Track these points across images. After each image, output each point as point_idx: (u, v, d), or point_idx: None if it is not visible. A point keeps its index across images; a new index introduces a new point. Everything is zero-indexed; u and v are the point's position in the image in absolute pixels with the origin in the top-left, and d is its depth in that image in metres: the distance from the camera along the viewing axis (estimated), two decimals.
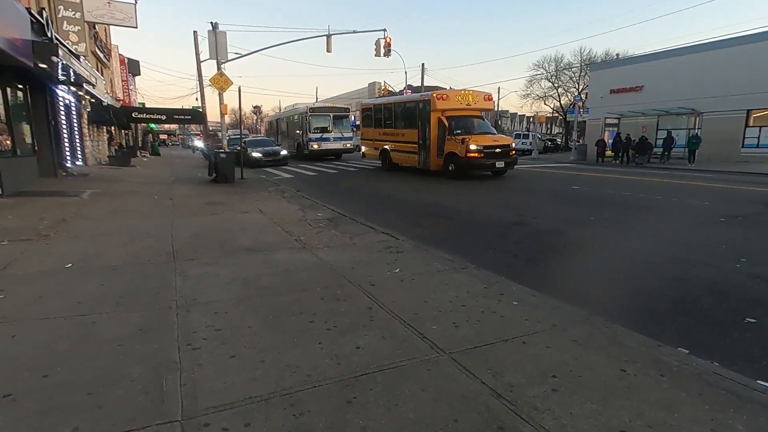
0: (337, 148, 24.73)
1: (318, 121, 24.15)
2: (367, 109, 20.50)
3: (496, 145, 14.38)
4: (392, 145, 17.92)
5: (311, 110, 24.42)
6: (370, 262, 4.90)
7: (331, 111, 25.06)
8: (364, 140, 20.55)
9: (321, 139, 24.04)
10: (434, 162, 15.35)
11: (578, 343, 2.94)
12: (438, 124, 15.05)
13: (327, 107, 25.82)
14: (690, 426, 2.08)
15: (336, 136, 24.44)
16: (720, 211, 8.39)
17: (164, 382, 2.42)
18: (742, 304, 3.97)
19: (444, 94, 15.67)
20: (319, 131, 24.00)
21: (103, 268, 4.47)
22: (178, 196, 10.20)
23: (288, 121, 29.20)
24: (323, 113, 24.59)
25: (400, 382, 2.45)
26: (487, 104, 16.40)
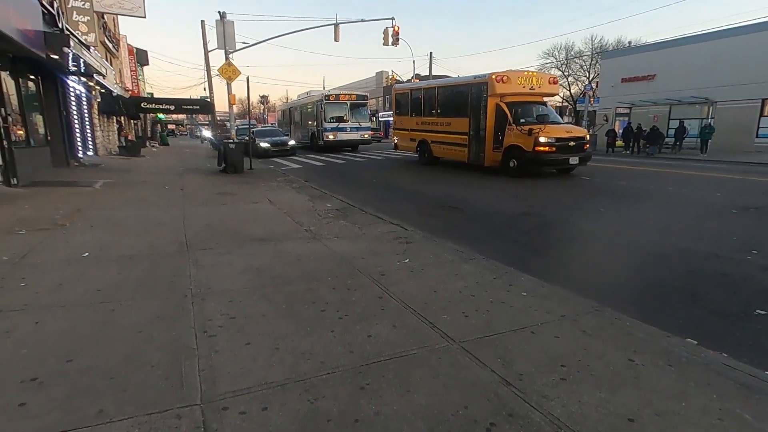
0: (354, 139, 23.12)
1: (333, 110, 22.60)
2: (402, 95, 18.12)
3: (570, 138, 12.12)
4: (433, 135, 15.70)
5: (326, 98, 22.78)
6: (380, 252, 4.95)
7: (347, 99, 23.39)
8: (398, 130, 18.45)
9: (337, 129, 22.43)
10: (490, 156, 13.15)
11: (587, 334, 2.97)
12: (496, 111, 12.85)
13: (343, 95, 24.01)
14: (697, 415, 2.12)
15: (353, 125, 22.83)
16: (732, 203, 8.30)
17: (183, 367, 2.50)
18: (753, 295, 3.97)
19: (504, 75, 12.82)
20: (335, 121, 22.42)
21: (119, 257, 4.57)
22: (189, 186, 10.31)
23: (301, 110, 27.50)
24: (339, 101, 22.98)
25: (412, 370, 2.51)
26: (553, 89, 14.04)
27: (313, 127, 23.99)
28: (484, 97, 13.15)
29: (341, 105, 22.87)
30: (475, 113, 13.68)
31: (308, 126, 25.33)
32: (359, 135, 23.20)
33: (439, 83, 16.38)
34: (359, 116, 23.35)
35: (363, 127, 23.35)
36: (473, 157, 13.95)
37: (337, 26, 20.60)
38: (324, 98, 22.68)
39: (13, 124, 9.35)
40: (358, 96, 24.15)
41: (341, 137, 22.55)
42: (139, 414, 2.08)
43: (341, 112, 22.76)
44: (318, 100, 23.27)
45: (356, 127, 22.94)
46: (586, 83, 40.06)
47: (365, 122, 23.75)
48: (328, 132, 22.33)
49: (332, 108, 22.62)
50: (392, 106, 19.02)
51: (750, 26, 21.94)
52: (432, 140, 15.82)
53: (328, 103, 22.54)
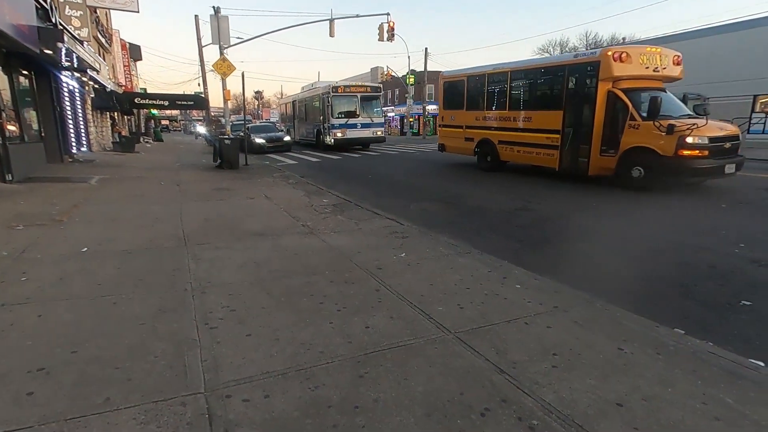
0: (365, 137, 20.82)
1: (342, 104, 20.22)
2: (454, 83, 14.47)
3: (726, 137, 8.98)
4: (502, 134, 12.42)
5: (334, 90, 20.06)
6: (377, 246, 5.02)
7: (358, 91, 20.78)
8: (446, 127, 14.96)
9: (346, 125, 20.06)
10: (597, 163, 9.84)
11: (579, 324, 3.06)
12: (607, 101, 9.63)
13: (354, 86, 21.26)
14: (683, 400, 2.21)
15: (364, 122, 20.44)
16: (722, 197, 8.44)
17: (186, 357, 2.57)
18: (739, 287, 4.08)
19: (623, 51, 9.59)
20: (344, 116, 20.11)
21: (118, 252, 4.61)
22: (185, 182, 10.31)
23: (306, 104, 24.75)
24: (349, 94, 20.45)
25: (409, 359, 2.59)
26: (677, 71, 10.71)
27: (319, 124, 21.85)
28: (590, 82, 9.91)
29: (351, 98, 20.45)
30: (573, 104, 10.41)
31: (313, 122, 22.99)
32: (371, 132, 20.86)
33: (513, 66, 12.42)
34: (371, 111, 20.96)
35: (375, 124, 20.96)
36: (568, 162, 10.55)
37: (332, 22, 20.57)
38: (331, 90, 20.07)
39: (7, 120, 9.31)
40: (372, 88, 21.60)
41: (351, 135, 20.25)
42: (144, 402, 2.14)
43: (351, 106, 20.38)
44: (325, 92, 20.68)
45: (368, 124, 20.63)
46: None
47: (378, 118, 21.32)
48: (336, 129, 20.13)
49: (341, 102, 20.27)
50: (439, 97, 15.73)
51: (742, 23, 22.14)
52: (500, 140, 12.49)
53: (337, 96, 20.12)
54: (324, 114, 20.90)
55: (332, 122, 20.08)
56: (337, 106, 20.21)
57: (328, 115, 20.23)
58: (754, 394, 2.26)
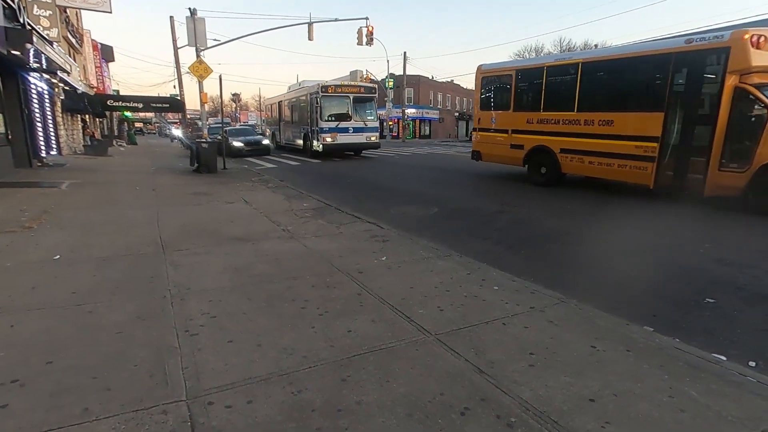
0: (357, 143, 18.90)
1: (333, 106, 18.25)
2: (498, 78, 12.11)
3: None
4: (565, 141, 10.10)
5: (323, 90, 17.99)
6: (357, 250, 5.06)
7: (350, 91, 18.74)
8: (484, 131, 12.48)
9: (337, 129, 18.12)
10: (715, 179, 7.63)
11: (554, 324, 3.17)
12: (735, 99, 7.49)
13: (345, 86, 19.19)
14: (651, 394, 2.32)
15: (357, 125, 18.53)
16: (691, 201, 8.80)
17: (166, 365, 2.55)
18: (703, 285, 4.28)
19: (761, 35, 7.33)
20: (335, 119, 18.17)
21: (93, 259, 4.51)
22: (161, 187, 10.12)
23: (293, 105, 22.31)
24: (340, 94, 18.44)
25: (391, 362, 2.64)
26: None
27: (307, 127, 19.74)
28: (711, 75, 7.92)
29: (343, 99, 18.45)
30: (680, 104, 8.22)
31: (300, 125, 20.86)
32: (364, 137, 18.84)
33: (586, 56, 10.15)
34: (364, 114, 18.92)
35: (369, 128, 18.89)
36: (669, 178, 8.33)
37: (311, 25, 20.55)
38: (321, 90, 17.95)
39: None
40: (365, 89, 19.45)
41: (342, 140, 18.24)
42: (125, 411, 2.12)
43: (343, 107, 18.41)
44: (313, 92, 18.49)
45: (361, 128, 18.63)
46: None
47: (372, 121, 19.12)
48: (325, 133, 17.99)
49: (331, 103, 18.24)
50: (475, 95, 13.10)
51: (706, 32, 23.08)
52: (562, 148, 10.20)
53: (327, 96, 18.05)
54: (312, 116, 18.74)
55: (321, 126, 17.95)
56: (327, 108, 18.07)
57: (317, 117, 18.08)
58: (716, 387, 2.39)
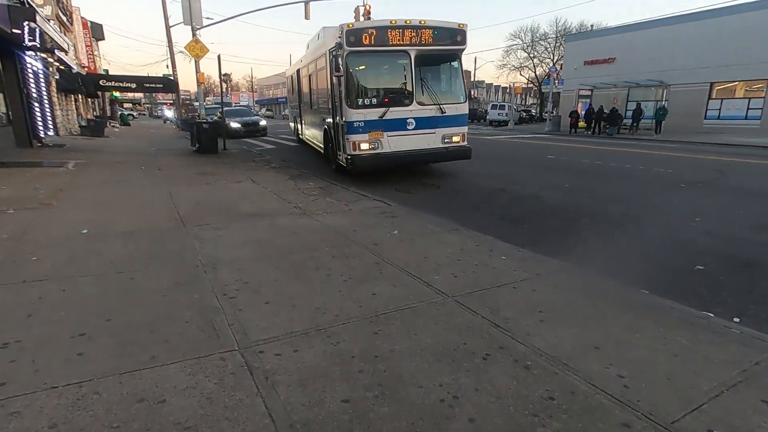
0: (424, 150, 8.82)
1: (371, 74, 8.79)
2: None
3: None
4: None
5: (350, 39, 7.88)
6: (369, 225, 5.32)
7: (408, 40, 8.22)
8: None
9: (380, 123, 8.35)
10: None
11: (559, 287, 3.47)
12: None
13: (394, 28, 8.12)
14: (647, 342, 2.64)
15: (424, 113, 8.66)
16: (681, 178, 9.15)
17: (214, 322, 2.82)
18: (694, 254, 4.61)
19: None
20: (376, 101, 8.48)
21: (119, 234, 4.73)
22: (166, 167, 10.25)
23: (310, 73, 11.97)
24: (386, 48, 8.23)
25: (415, 318, 2.93)
26: None
27: (327, 116, 9.84)
28: None
29: (391, 59, 8.62)
30: None
31: (320, 111, 11.06)
32: (439, 137, 8.90)
33: None
34: (440, 87, 9.19)
35: (449, 118, 8.89)
36: None
37: (308, 4, 20.29)
38: (344, 40, 7.90)
39: None
40: (440, 33, 8.47)
41: (393, 144, 8.56)
42: (187, 358, 2.40)
43: (392, 76, 8.83)
44: (333, 47, 8.31)
45: (432, 119, 8.76)
46: (551, 65, 41.21)
47: (456, 101, 9.03)
48: (356, 133, 8.33)
49: (368, 68, 8.66)
50: None
51: (702, 12, 23.20)
52: None
53: (356, 53, 8.17)
54: (333, 96, 9.03)
55: (348, 116, 8.25)
56: (361, 78, 8.54)
57: (340, 99, 8.44)
58: (704, 336, 2.72)
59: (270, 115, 59.26)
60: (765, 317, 3.24)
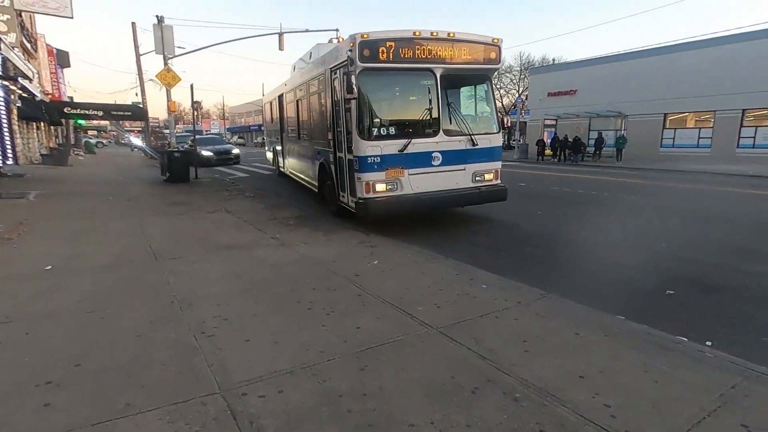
0: (452, 191, 6.92)
1: (388, 97, 6.97)
2: None
3: None
4: None
5: (363, 53, 6.03)
6: (349, 255, 5.29)
7: (435, 55, 6.48)
8: None
9: (400, 158, 6.45)
10: None
11: (540, 315, 3.53)
12: None
13: (418, 40, 6.30)
14: (629, 368, 2.70)
15: (452, 146, 6.81)
16: (643, 204, 9.59)
17: (192, 363, 2.70)
18: (663, 278, 4.79)
19: None
20: (395, 128, 6.58)
21: (86, 269, 4.52)
22: (136, 197, 9.95)
23: (299, 97, 10.08)
24: (407, 66, 6.38)
25: (402, 352, 2.90)
26: None
27: (324, 147, 8.07)
28: None
29: (414, 78, 6.69)
30: None
31: (311, 140, 9.22)
32: (469, 175, 7.08)
33: None
34: (468, 113, 7.42)
35: (480, 151, 7.06)
36: None
37: (282, 35, 20.65)
38: (357, 54, 6.03)
39: None
40: (470, 48, 6.80)
41: (415, 184, 6.64)
42: (166, 404, 2.27)
43: (415, 101, 6.85)
44: (336, 64, 6.84)
45: (460, 153, 6.92)
46: (516, 96, 43.07)
47: (488, 128, 7.44)
48: (370, 170, 6.35)
49: (384, 90, 6.85)
50: None
51: (653, 49, 24.95)
52: None
53: (372, 71, 6.29)
54: (334, 125, 7.28)
55: (361, 149, 6.30)
56: (376, 102, 6.63)
57: (347, 127, 6.65)
58: (681, 362, 2.80)
59: (242, 143, 58.93)
60: (734, 340, 3.38)
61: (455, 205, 7.67)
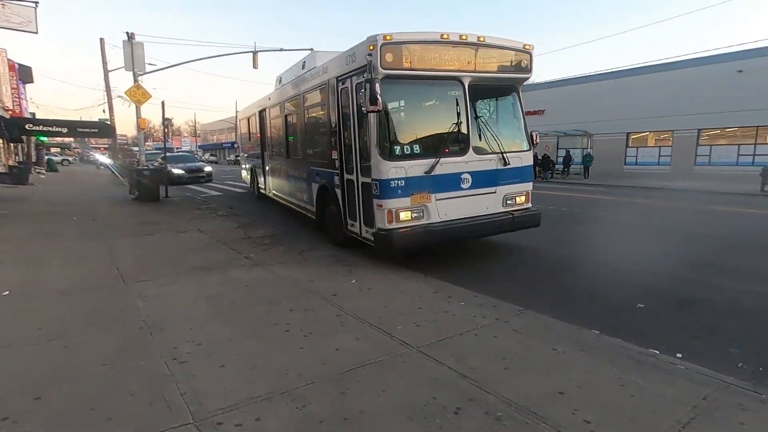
0: (482, 217, 6.06)
1: (413, 105, 6.09)
2: None
3: None
4: None
5: (386, 59, 5.13)
6: (326, 275, 5.22)
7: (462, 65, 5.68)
8: None
9: (423, 182, 5.53)
10: None
11: (518, 332, 3.56)
12: None
13: (446, 41, 5.48)
14: (606, 383, 2.75)
15: (482, 166, 6.03)
16: (609, 219, 9.93)
17: (164, 392, 2.57)
18: (633, 292, 4.93)
19: None
20: (419, 145, 5.63)
21: (49, 294, 4.29)
22: (103, 217, 9.58)
23: (293, 110, 8.93)
24: (433, 70, 5.50)
25: (382, 373, 2.85)
26: None
27: (325, 168, 6.98)
28: None
29: (440, 89, 5.92)
30: None
31: (306, 162, 8.10)
32: (500, 199, 6.31)
33: None
34: (498, 129, 6.44)
35: (511, 172, 6.38)
36: None
37: (256, 54, 20.62)
38: (378, 59, 5.09)
39: None
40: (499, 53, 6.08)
41: (446, 211, 5.78)
42: None
43: (446, 114, 5.81)
44: (349, 71, 5.83)
45: (491, 174, 6.16)
46: None
47: (519, 145, 6.73)
48: (393, 195, 5.39)
49: (409, 101, 6.06)
50: None
51: (617, 72, 26.28)
52: None
53: (395, 77, 5.32)
54: (341, 143, 6.29)
55: (383, 171, 5.33)
56: (398, 115, 5.89)
57: (362, 145, 5.68)
58: (654, 375, 2.87)
59: (214, 161, 58.01)
60: (702, 351, 3.49)
61: (487, 233, 6.65)
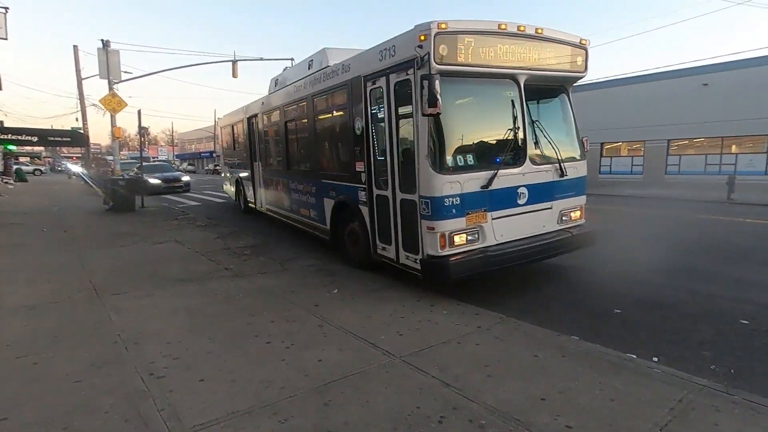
0: (540, 240, 5.24)
1: (467, 107, 5.07)
2: None
3: None
4: None
5: (441, 43, 4.21)
6: (308, 285, 5.17)
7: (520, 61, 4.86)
8: None
9: (479, 198, 4.67)
10: None
11: (500, 339, 3.59)
12: None
13: (504, 32, 4.63)
14: (586, 388, 2.79)
15: (538, 178, 5.18)
16: None
17: (140, 409, 2.50)
18: (610, 298, 5.04)
19: None
20: (473, 155, 4.80)
21: (17, 309, 4.12)
22: (75, 228, 9.28)
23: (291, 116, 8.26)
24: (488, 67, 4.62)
25: (366, 384, 2.83)
26: None
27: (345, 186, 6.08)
28: None
29: (496, 83, 4.90)
30: None
31: (314, 175, 7.23)
32: (556, 215, 5.50)
33: None
34: (558, 134, 5.62)
35: (568, 183, 5.56)
36: None
37: (236, 63, 20.50)
38: (435, 47, 4.22)
39: None
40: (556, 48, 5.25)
41: (502, 232, 4.95)
42: None
43: (501, 118, 4.95)
44: (386, 66, 4.93)
45: (548, 187, 5.35)
46: None
47: (573, 154, 5.84)
48: (447, 217, 4.50)
49: (466, 97, 4.99)
50: None
51: (592, 84, 27.10)
52: None
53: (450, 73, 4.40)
54: (369, 153, 5.44)
55: (435, 186, 4.42)
56: (452, 119, 4.62)
57: (406, 155, 4.83)
58: (632, 378, 2.93)
59: (192, 170, 57.04)
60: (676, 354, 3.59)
61: (543, 257, 5.51)
